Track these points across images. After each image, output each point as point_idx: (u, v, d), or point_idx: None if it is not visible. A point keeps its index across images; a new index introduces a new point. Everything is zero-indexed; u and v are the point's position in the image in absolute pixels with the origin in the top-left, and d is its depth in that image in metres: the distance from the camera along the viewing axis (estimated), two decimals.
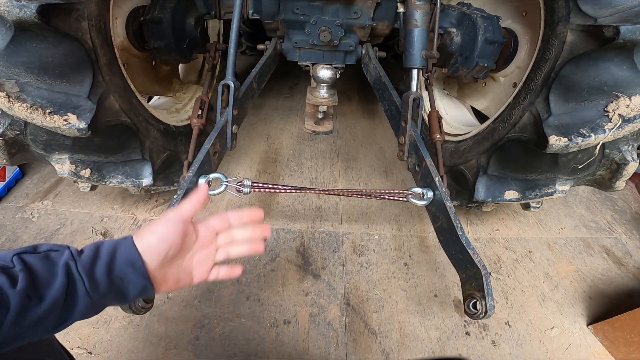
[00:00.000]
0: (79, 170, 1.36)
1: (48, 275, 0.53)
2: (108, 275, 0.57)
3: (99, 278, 0.56)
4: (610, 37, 1.05)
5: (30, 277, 0.51)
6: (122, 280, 0.58)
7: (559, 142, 1.17)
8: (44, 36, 1.06)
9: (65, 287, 0.53)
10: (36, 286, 0.52)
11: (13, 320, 0.49)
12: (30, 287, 0.51)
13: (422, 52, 1.42)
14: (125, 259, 0.58)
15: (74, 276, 0.54)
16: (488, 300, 0.91)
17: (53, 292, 0.52)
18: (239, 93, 1.32)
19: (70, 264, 0.55)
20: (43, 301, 0.51)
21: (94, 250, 0.58)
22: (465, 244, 1.00)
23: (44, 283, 0.52)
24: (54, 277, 0.53)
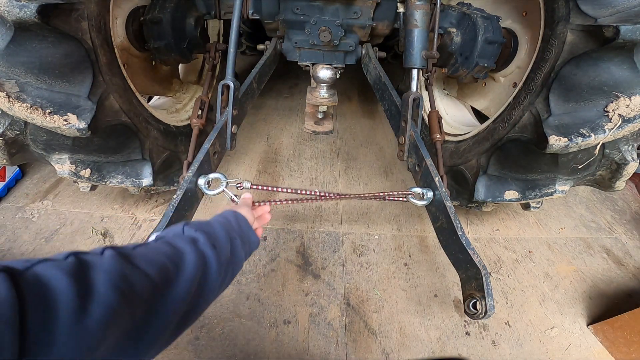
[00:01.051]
0: (79, 170, 1.36)
1: (215, 234, 0.71)
2: (241, 234, 0.80)
3: (241, 235, 0.80)
4: (610, 37, 1.05)
5: (207, 234, 0.68)
6: (248, 238, 0.83)
7: (559, 142, 1.17)
8: (44, 36, 1.06)
9: (229, 241, 0.74)
10: (213, 239, 0.69)
11: (216, 273, 0.65)
12: (210, 240, 0.67)
13: (422, 52, 1.42)
14: (245, 224, 0.84)
15: (233, 233, 0.77)
16: (488, 300, 0.91)
17: (226, 246, 0.72)
18: (238, 93, 1.32)
19: (226, 227, 0.77)
20: (220, 250, 0.69)
21: (227, 220, 0.81)
22: (465, 244, 1.00)
23: (215, 238, 0.70)
24: (219, 235, 0.72)
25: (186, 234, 0.67)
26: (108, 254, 0.49)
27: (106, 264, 0.46)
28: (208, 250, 0.65)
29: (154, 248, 0.59)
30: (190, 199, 1.08)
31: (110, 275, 0.45)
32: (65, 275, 0.40)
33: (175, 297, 0.54)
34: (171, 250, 0.60)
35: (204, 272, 0.62)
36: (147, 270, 0.51)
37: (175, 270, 0.56)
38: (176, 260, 0.58)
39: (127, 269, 0.48)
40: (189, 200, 1.07)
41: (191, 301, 0.58)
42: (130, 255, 0.52)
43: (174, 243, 0.62)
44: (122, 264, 0.48)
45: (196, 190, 1.10)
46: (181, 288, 0.55)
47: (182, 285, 0.56)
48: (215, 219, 0.79)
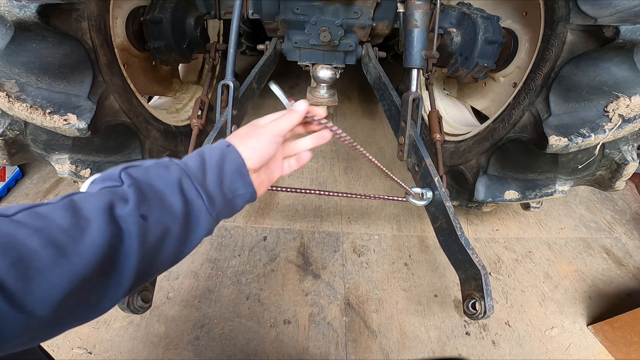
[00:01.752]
0: (79, 170, 1.36)
1: (158, 194, 0.48)
2: (220, 188, 0.54)
3: (213, 192, 0.53)
4: (610, 37, 1.05)
5: (141, 196, 0.46)
6: (232, 192, 0.56)
7: (559, 142, 1.17)
8: (44, 36, 1.06)
9: (183, 206, 0.50)
10: (149, 204, 0.47)
11: (138, 245, 0.44)
12: (142, 206, 0.46)
13: (422, 52, 1.42)
14: (235, 168, 0.56)
15: (191, 192, 0.51)
16: (487, 300, 0.91)
17: (167, 210, 0.48)
18: (238, 93, 1.32)
19: (184, 180, 0.51)
20: (156, 221, 0.47)
21: (200, 162, 0.54)
22: (464, 244, 1.00)
23: (155, 202, 0.48)
24: (164, 195, 0.49)
25: (120, 187, 0.48)
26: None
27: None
28: (131, 225, 0.45)
29: (40, 219, 0.41)
30: None
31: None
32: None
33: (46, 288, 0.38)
34: (69, 220, 0.42)
35: (112, 257, 0.43)
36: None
37: (52, 254, 0.39)
38: (61, 240, 0.40)
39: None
40: None
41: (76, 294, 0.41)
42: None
43: (83, 209, 0.43)
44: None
45: None
46: (54, 278, 0.39)
47: (57, 274, 0.39)
48: (183, 160, 0.55)
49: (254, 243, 1.74)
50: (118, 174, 0.49)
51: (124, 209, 0.45)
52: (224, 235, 1.78)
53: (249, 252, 1.70)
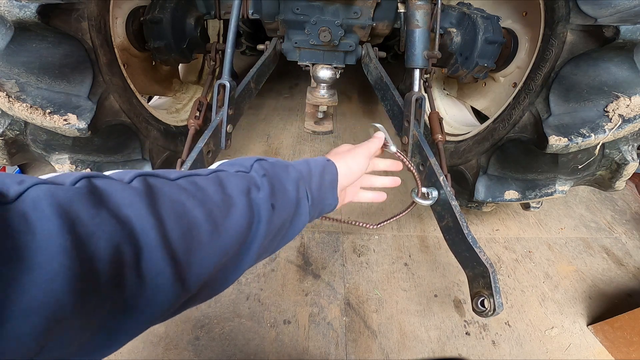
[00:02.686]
0: (79, 170, 1.36)
1: (282, 188, 0.54)
2: (318, 194, 0.62)
3: (314, 196, 0.60)
4: (610, 37, 1.05)
5: (272, 187, 0.52)
6: (324, 200, 0.64)
7: (559, 142, 1.17)
8: (44, 36, 1.06)
9: (296, 202, 0.56)
10: (276, 196, 0.52)
11: (265, 231, 0.49)
12: (272, 197, 0.51)
13: (424, 52, 1.42)
14: (330, 180, 0.64)
15: (303, 193, 0.58)
16: (496, 297, 0.91)
17: (287, 205, 0.54)
18: (235, 93, 1.33)
19: (300, 182, 0.58)
20: (279, 212, 0.52)
21: (308, 169, 0.62)
22: (471, 242, 1.01)
23: (280, 195, 0.53)
24: (287, 191, 0.55)
25: (251, 174, 0.52)
26: (135, 185, 0.38)
27: (124, 199, 0.35)
28: (263, 209, 0.49)
29: (199, 189, 0.44)
30: None
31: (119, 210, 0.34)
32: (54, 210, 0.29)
33: (201, 263, 0.40)
34: (219, 196, 0.45)
35: (245, 237, 0.47)
36: (165, 217, 0.37)
37: (211, 229, 0.41)
38: (216, 216, 0.43)
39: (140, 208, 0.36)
40: None
41: (216, 272, 0.44)
42: (159, 192, 0.39)
43: (228, 187, 0.47)
44: (143, 202, 0.36)
45: None
46: (208, 253, 0.41)
47: (211, 250, 0.41)
48: (297, 164, 0.61)
49: None
50: (251, 163, 0.54)
51: (259, 196, 0.49)
52: None
53: None
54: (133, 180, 0.39)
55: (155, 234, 0.35)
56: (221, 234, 0.42)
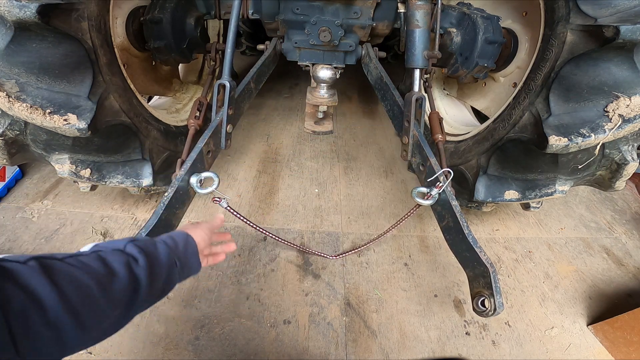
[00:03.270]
0: (79, 170, 1.36)
1: (156, 259, 0.69)
2: (184, 260, 0.79)
3: (182, 262, 0.78)
4: (610, 37, 1.05)
5: (147, 259, 0.66)
6: (189, 264, 0.81)
7: (559, 142, 1.17)
8: (44, 36, 1.06)
9: (167, 268, 0.72)
10: (152, 266, 0.67)
11: (146, 292, 0.64)
12: (149, 267, 0.66)
13: (424, 52, 1.42)
14: (192, 249, 0.83)
15: (172, 261, 0.74)
16: (497, 297, 0.91)
17: (161, 271, 0.70)
18: (234, 93, 1.33)
19: (170, 253, 0.74)
20: (156, 277, 0.68)
21: (173, 241, 0.78)
22: (471, 242, 1.01)
23: (155, 264, 0.68)
24: (160, 261, 0.70)
25: (127, 251, 0.65)
26: (31, 264, 0.50)
27: (25, 278, 0.47)
28: (142, 277, 0.63)
29: (84, 264, 0.56)
30: (181, 197, 1.08)
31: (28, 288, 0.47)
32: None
33: (92, 316, 0.54)
34: (103, 269, 0.58)
35: (131, 297, 0.62)
36: (63, 285, 0.50)
37: (100, 292, 0.55)
38: (104, 282, 0.57)
39: (43, 283, 0.48)
40: (180, 199, 1.07)
41: (109, 321, 0.59)
42: (54, 269, 0.51)
43: (109, 261, 0.60)
44: (43, 278, 0.49)
45: (188, 189, 1.10)
46: (101, 309, 0.56)
47: (104, 306, 0.56)
48: (164, 239, 0.77)
49: (254, 243, 1.74)
50: (125, 244, 0.68)
51: (138, 266, 0.64)
52: None
53: (249, 252, 1.70)
54: (28, 261, 0.50)
55: (57, 299, 0.48)
56: (110, 295, 0.57)
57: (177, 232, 0.84)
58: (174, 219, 1.08)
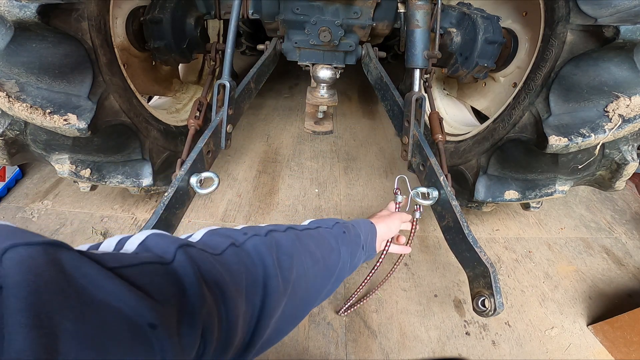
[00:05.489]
0: (79, 170, 1.36)
1: (355, 242, 0.82)
2: (368, 246, 0.92)
3: (367, 248, 0.91)
4: (610, 37, 1.05)
5: (349, 241, 0.78)
6: (369, 250, 0.94)
7: (559, 142, 1.17)
8: (44, 36, 1.06)
9: (359, 251, 0.85)
10: (351, 247, 0.79)
11: (347, 270, 0.78)
12: (349, 246, 0.78)
13: (424, 52, 1.42)
14: (373, 239, 0.95)
15: (361, 245, 0.86)
16: (497, 297, 0.91)
17: (356, 252, 0.82)
18: (234, 93, 1.33)
19: (363, 238, 0.88)
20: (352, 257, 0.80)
21: (365, 229, 0.92)
22: (472, 242, 1.00)
23: (354, 246, 0.81)
24: (357, 244, 0.83)
25: (335, 231, 0.77)
26: (290, 233, 0.63)
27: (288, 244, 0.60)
28: (346, 256, 0.74)
29: (314, 238, 0.69)
30: (181, 197, 1.08)
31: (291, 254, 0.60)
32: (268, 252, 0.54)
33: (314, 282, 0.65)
34: (325, 243, 0.71)
35: (339, 272, 0.72)
36: (305, 255, 0.63)
37: (324, 265, 0.67)
38: (325, 255, 0.68)
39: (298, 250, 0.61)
40: (180, 199, 1.07)
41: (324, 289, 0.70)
42: (301, 240, 0.64)
43: (327, 237, 0.73)
44: (298, 246, 0.62)
45: (188, 189, 1.10)
46: (321, 277, 0.66)
47: (323, 275, 0.66)
48: (356, 224, 0.88)
49: None
50: (332, 224, 0.79)
51: (343, 246, 0.74)
52: None
53: None
54: (286, 230, 0.63)
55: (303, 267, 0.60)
56: (328, 266, 0.68)
57: (364, 220, 0.97)
58: (174, 219, 1.08)
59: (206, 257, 0.44)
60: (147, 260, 0.38)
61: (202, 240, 0.50)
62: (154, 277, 0.37)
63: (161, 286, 0.36)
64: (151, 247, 0.43)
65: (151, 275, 0.37)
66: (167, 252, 0.41)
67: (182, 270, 0.40)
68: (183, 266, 0.40)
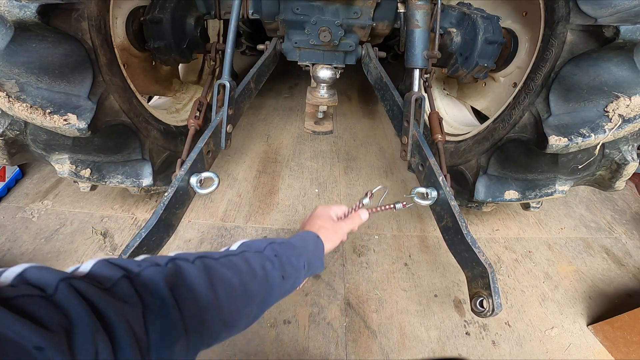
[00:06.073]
0: (79, 170, 1.36)
1: (289, 262, 0.75)
2: (312, 262, 0.84)
3: (310, 263, 0.83)
4: (610, 37, 1.05)
5: (281, 263, 0.73)
6: (313, 266, 0.85)
7: (559, 142, 1.17)
8: (44, 36, 1.06)
9: (297, 271, 0.77)
10: (284, 269, 0.73)
11: (277, 293, 0.71)
12: (281, 269, 0.72)
13: (424, 52, 1.42)
14: (319, 254, 0.87)
15: (301, 263, 0.79)
16: (495, 298, 0.91)
17: (292, 273, 0.75)
18: (234, 93, 1.33)
19: (301, 255, 0.79)
20: (286, 279, 0.73)
21: (304, 245, 0.84)
22: (470, 242, 1.00)
23: (287, 267, 0.74)
24: (292, 264, 0.76)
25: (266, 254, 0.72)
26: (197, 264, 0.60)
27: (193, 276, 0.57)
28: (276, 278, 0.70)
29: (233, 265, 0.65)
30: (181, 197, 1.08)
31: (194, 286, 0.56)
32: (164, 282, 0.51)
33: (233, 312, 0.61)
34: (246, 268, 0.67)
35: (265, 297, 0.69)
36: (216, 285, 0.59)
37: (241, 291, 0.63)
38: (245, 282, 0.65)
39: (204, 282, 0.58)
40: (180, 199, 1.07)
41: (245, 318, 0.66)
42: (212, 269, 0.61)
43: (251, 262, 0.68)
44: (205, 277, 0.58)
45: (188, 189, 1.10)
46: (240, 306, 0.63)
47: (242, 304, 0.63)
48: (297, 243, 0.82)
49: None
50: (265, 246, 0.74)
51: (273, 269, 0.70)
52: (224, 235, 1.78)
53: None
54: (195, 260, 0.60)
55: (211, 297, 0.57)
56: (248, 293, 0.64)
57: (308, 233, 0.89)
58: (174, 219, 1.08)
59: (93, 290, 0.42)
60: (26, 292, 0.37)
61: (91, 272, 0.47)
62: (37, 307, 0.36)
63: (46, 315, 0.35)
64: (30, 279, 0.39)
65: (34, 306, 0.36)
66: (49, 285, 0.39)
67: (66, 302, 0.38)
68: (67, 298, 0.38)
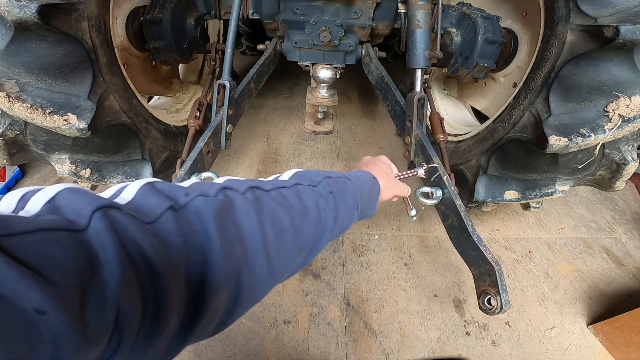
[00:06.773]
0: (79, 170, 1.36)
1: (343, 201, 0.66)
2: (365, 204, 0.75)
3: (362, 206, 0.74)
4: (610, 37, 1.05)
5: (335, 201, 0.63)
6: (366, 210, 0.77)
7: (559, 142, 1.17)
8: (44, 36, 1.06)
9: (350, 211, 0.68)
10: (338, 208, 0.63)
11: (329, 235, 0.61)
12: (335, 209, 0.63)
13: (425, 52, 1.42)
14: (374, 196, 0.80)
15: (355, 204, 0.69)
16: (503, 295, 0.91)
17: (345, 214, 0.66)
18: (234, 93, 1.33)
19: (356, 195, 0.70)
20: (339, 220, 0.64)
21: (360, 184, 0.74)
22: (476, 240, 1.01)
23: (341, 207, 0.65)
24: (346, 203, 0.67)
25: (320, 190, 0.62)
26: (248, 197, 0.51)
27: (243, 211, 0.48)
28: (329, 220, 0.60)
29: (285, 199, 0.56)
30: None
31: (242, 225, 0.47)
32: (213, 217, 0.44)
33: (281, 258, 0.52)
34: (299, 206, 0.56)
35: (316, 240, 0.59)
36: (265, 223, 0.50)
37: (293, 233, 0.53)
38: (297, 222, 0.55)
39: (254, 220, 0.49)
40: None
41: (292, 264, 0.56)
42: (263, 204, 0.51)
43: (304, 198, 0.58)
44: (254, 214, 0.49)
45: None
46: (290, 250, 0.53)
47: (292, 247, 0.54)
48: (354, 180, 0.72)
49: None
50: (319, 180, 0.65)
51: (326, 208, 0.61)
52: None
53: None
54: (246, 192, 0.51)
55: (259, 238, 0.48)
56: (299, 236, 0.54)
57: (366, 173, 0.79)
58: None
59: (134, 225, 0.36)
60: (47, 226, 0.30)
61: (134, 201, 0.41)
62: (53, 248, 0.29)
63: (61, 261, 0.29)
64: (61, 208, 0.33)
65: (49, 247, 0.29)
66: (81, 215, 0.32)
67: (97, 241, 0.31)
68: (99, 235, 0.32)
